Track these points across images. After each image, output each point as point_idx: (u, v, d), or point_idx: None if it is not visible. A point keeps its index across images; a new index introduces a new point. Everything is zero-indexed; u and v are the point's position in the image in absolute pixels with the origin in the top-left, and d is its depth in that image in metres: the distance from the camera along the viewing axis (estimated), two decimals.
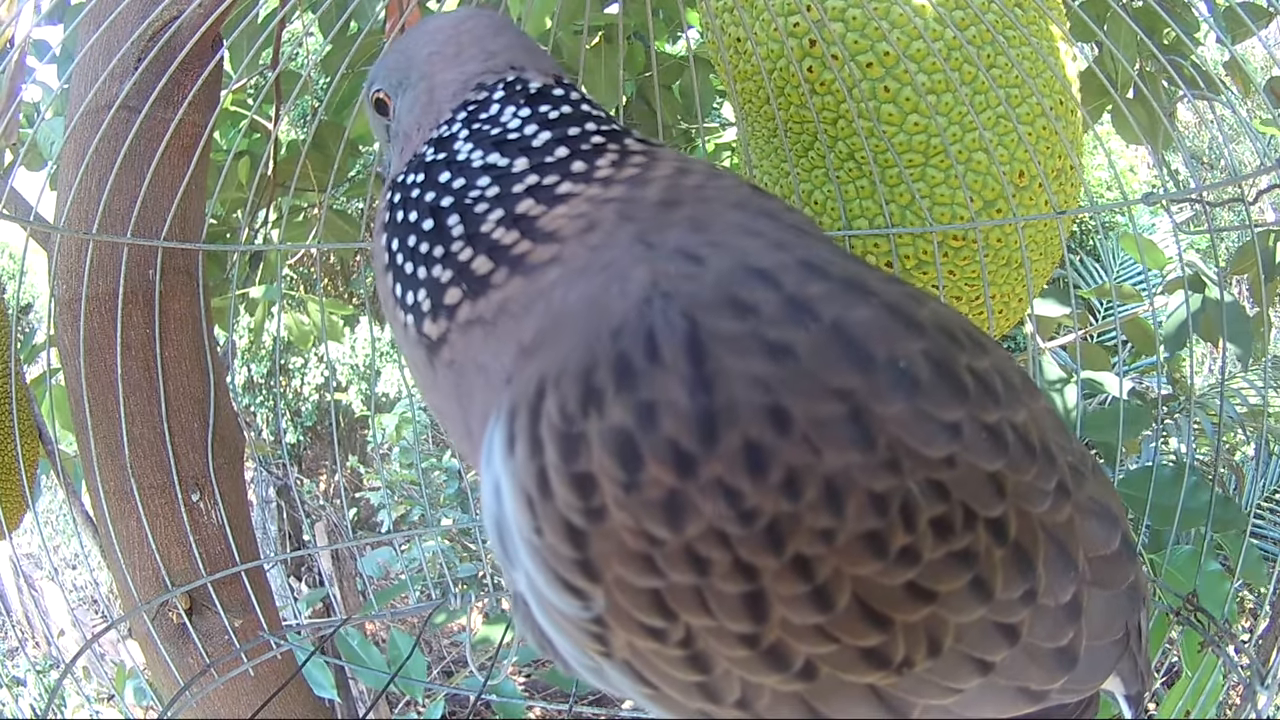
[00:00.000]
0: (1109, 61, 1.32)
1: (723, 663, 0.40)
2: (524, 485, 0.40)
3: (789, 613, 0.39)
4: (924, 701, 0.43)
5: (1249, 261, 1.24)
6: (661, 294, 0.40)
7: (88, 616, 3.63)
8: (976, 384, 0.42)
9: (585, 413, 0.38)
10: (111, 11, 0.92)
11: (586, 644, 0.42)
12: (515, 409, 0.41)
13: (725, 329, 0.38)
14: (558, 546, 0.39)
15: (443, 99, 0.55)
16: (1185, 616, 0.87)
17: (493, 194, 0.48)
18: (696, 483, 0.37)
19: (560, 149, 0.49)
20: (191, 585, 1.00)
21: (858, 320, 0.39)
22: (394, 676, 1.04)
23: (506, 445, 0.41)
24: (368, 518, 4.49)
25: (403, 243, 0.50)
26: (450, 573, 2.23)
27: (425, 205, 0.49)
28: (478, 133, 0.51)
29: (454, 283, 0.47)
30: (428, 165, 0.51)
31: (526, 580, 0.42)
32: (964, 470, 0.40)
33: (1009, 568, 0.42)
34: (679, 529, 0.37)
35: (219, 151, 1.53)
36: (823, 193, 0.95)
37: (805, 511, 0.37)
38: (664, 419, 0.37)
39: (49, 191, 1.14)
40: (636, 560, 0.38)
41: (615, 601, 0.39)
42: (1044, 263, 0.98)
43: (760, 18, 0.91)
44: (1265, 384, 1.41)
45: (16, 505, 0.99)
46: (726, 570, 0.38)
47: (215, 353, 1.07)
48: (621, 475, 0.37)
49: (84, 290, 0.95)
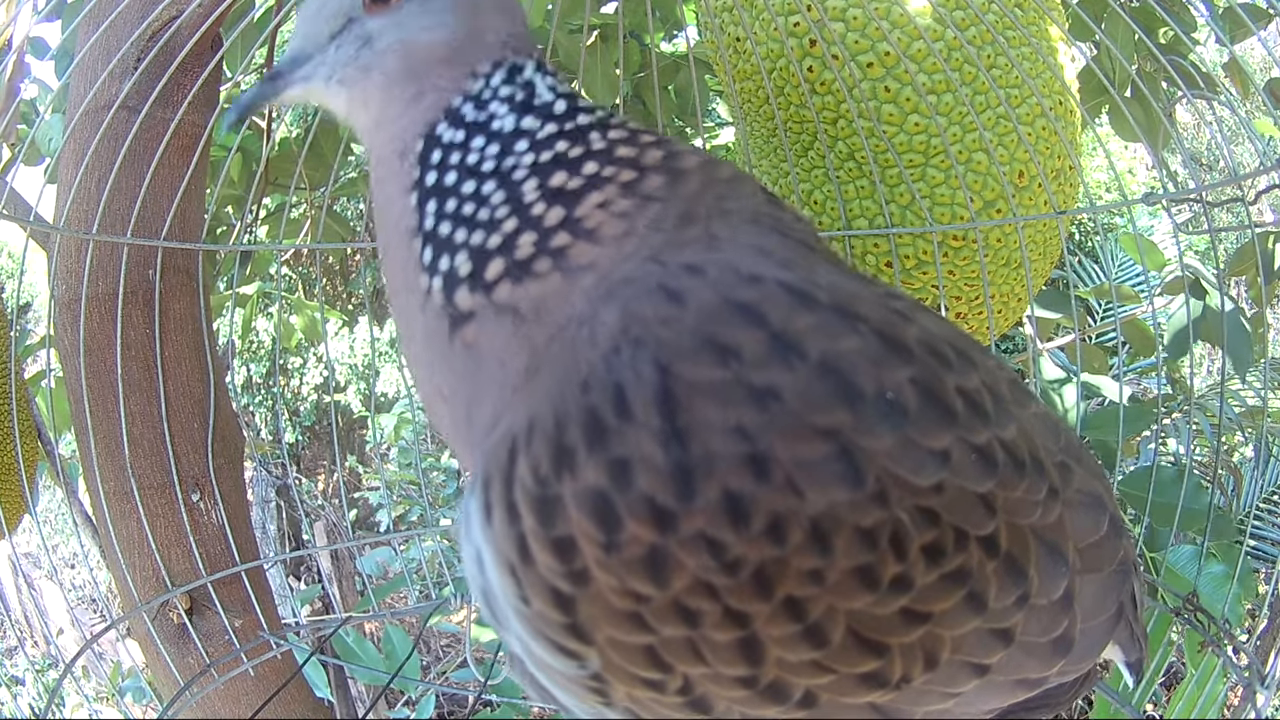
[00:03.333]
0: (1107, 60, 1.32)
1: (723, 703, 0.40)
2: (505, 554, 0.39)
3: (783, 652, 0.39)
4: (925, 708, 0.44)
5: (1248, 263, 1.24)
6: (632, 341, 0.39)
7: (87, 616, 3.63)
8: (965, 405, 0.42)
9: (559, 474, 0.37)
10: (111, 11, 0.92)
11: (586, 697, 0.42)
12: (489, 477, 0.40)
13: (702, 377, 0.37)
14: (546, 612, 0.38)
15: (488, 44, 0.50)
16: (1185, 616, 0.87)
17: (529, 161, 0.46)
18: (677, 537, 0.36)
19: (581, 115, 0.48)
20: (191, 585, 1.00)
21: (845, 352, 0.39)
22: (394, 676, 1.04)
23: (483, 514, 0.40)
24: (366, 517, 4.48)
25: (442, 204, 0.47)
26: (449, 572, 2.23)
27: (487, 175, 0.46)
28: (523, 103, 0.48)
29: (500, 253, 0.44)
30: (471, 126, 0.48)
31: (519, 643, 0.41)
32: (953, 494, 0.41)
33: (1002, 578, 0.43)
34: (664, 585, 0.37)
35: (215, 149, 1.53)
36: (823, 193, 0.95)
37: (792, 555, 0.37)
38: (639, 476, 0.36)
39: (49, 191, 1.14)
40: (625, 619, 0.38)
41: (609, 659, 0.39)
42: (1043, 263, 0.98)
43: (760, 17, 0.91)
44: (1265, 384, 1.41)
45: (16, 505, 0.99)
46: (717, 620, 0.38)
47: (215, 353, 1.07)
48: (601, 536, 0.37)
49: (84, 290, 0.95)
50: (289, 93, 0.53)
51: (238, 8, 1.00)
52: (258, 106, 0.54)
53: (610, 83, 1.40)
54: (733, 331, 0.38)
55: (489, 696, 1.09)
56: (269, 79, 0.54)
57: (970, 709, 0.46)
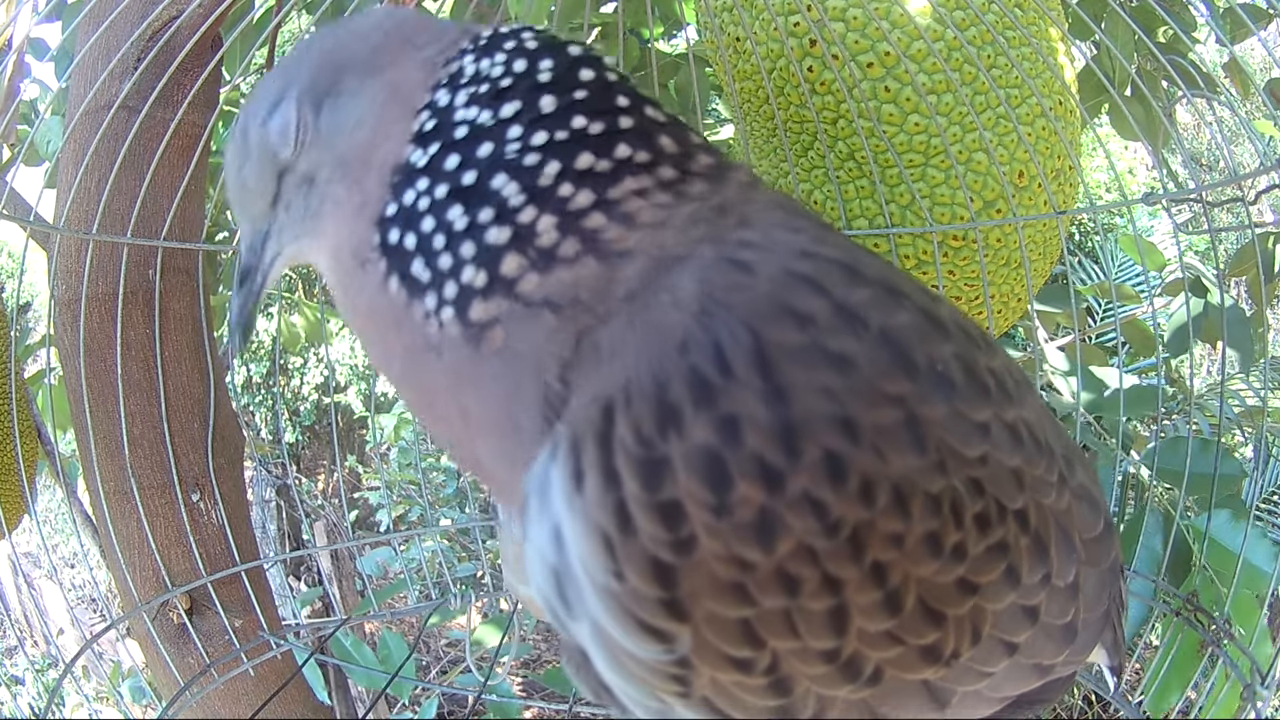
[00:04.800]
0: (1107, 60, 1.32)
1: (803, 683, 0.40)
2: (599, 524, 0.36)
3: (865, 622, 0.39)
4: (963, 689, 0.45)
5: (1248, 263, 1.24)
6: (718, 304, 0.38)
7: (87, 616, 3.63)
8: (995, 384, 0.43)
9: (664, 434, 0.36)
10: (111, 11, 0.92)
11: (662, 686, 0.39)
12: (579, 440, 0.37)
13: (787, 340, 0.37)
14: (641, 588, 0.36)
15: (411, 88, 0.46)
16: (1186, 616, 0.87)
17: (539, 141, 0.42)
18: (785, 498, 0.36)
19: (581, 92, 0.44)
20: (191, 585, 1.00)
21: (900, 326, 0.40)
22: (394, 677, 1.04)
23: (572, 481, 0.37)
24: (366, 517, 4.48)
25: (424, 241, 0.43)
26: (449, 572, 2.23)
27: (443, 200, 0.43)
28: (481, 95, 0.44)
29: (513, 247, 0.41)
30: (424, 170, 0.44)
31: (593, 630, 0.39)
32: (994, 467, 0.42)
33: (1031, 554, 0.44)
34: (771, 550, 0.36)
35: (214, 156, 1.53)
36: (823, 193, 0.95)
37: (879, 518, 0.37)
38: (748, 434, 0.35)
39: (49, 191, 1.14)
40: (727, 590, 0.36)
41: (702, 638, 0.37)
42: (1043, 263, 0.99)
43: (760, 17, 0.91)
44: (1265, 385, 1.41)
45: (16, 505, 0.99)
46: (815, 587, 0.37)
47: (215, 353, 1.07)
48: (711, 498, 0.35)
49: (84, 290, 0.95)
50: (271, 279, 0.50)
51: (238, 8, 1.00)
52: (251, 312, 0.51)
53: None
54: (803, 299, 0.38)
55: (489, 697, 1.09)
56: (243, 281, 0.51)
57: (994, 694, 0.47)
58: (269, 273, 0.50)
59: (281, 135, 0.47)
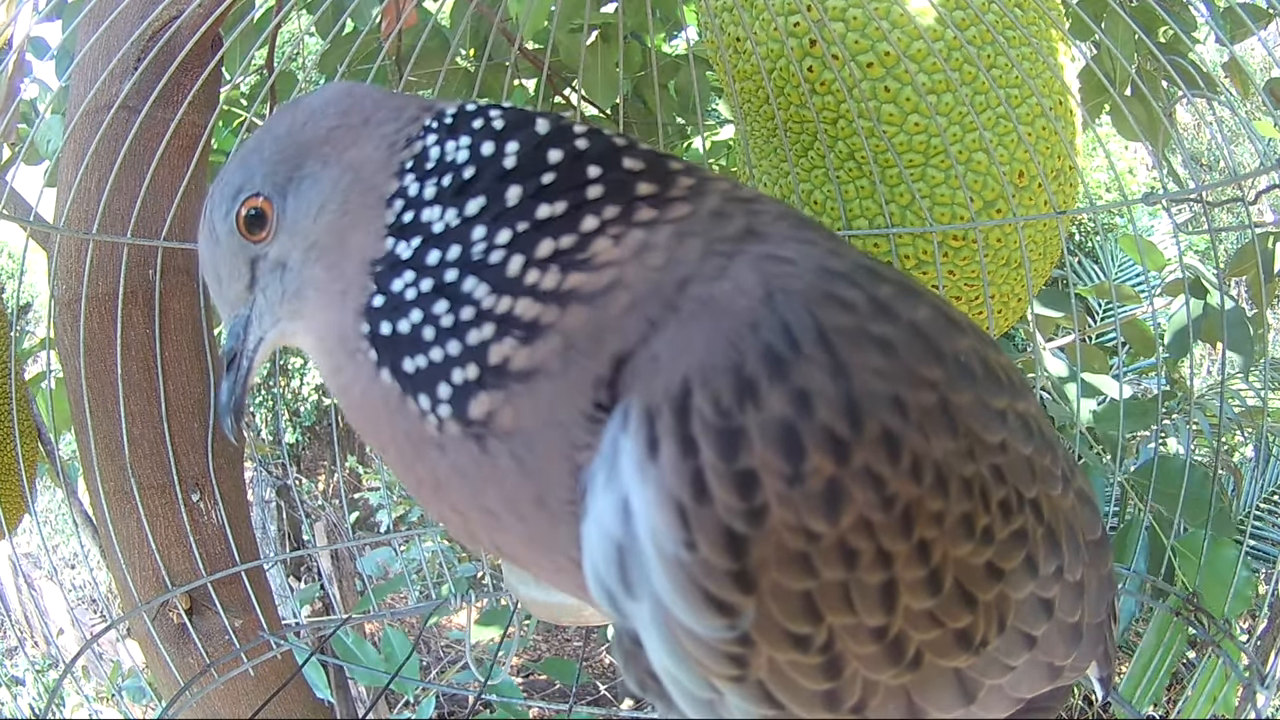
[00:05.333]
0: (1107, 60, 1.32)
1: (853, 664, 0.41)
2: (674, 493, 0.37)
3: (911, 599, 0.40)
4: (989, 682, 0.46)
5: (1248, 263, 1.23)
6: (780, 290, 0.40)
7: (87, 616, 3.63)
8: (1006, 377, 0.45)
9: (742, 405, 0.37)
10: (111, 11, 0.92)
11: (717, 670, 0.40)
12: (654, 410, 0.38)
13: (841, 323, 0.39)
14: (712, 559, 0.37)
15: (373, 171, 0.46)
16: (1186, 616, 0.87)
17: (504, 240, 0.42)
18: (850, 470, 0.37)
19: (548, 175, 0.43)
20: (191, 585, 1.00)
21: (924, 319, 0.42)
22: (394, 677, 1.04)
23: (647, 449, 0.38)
24: (367, 518, 4.48)
25: (416, 343, 0.43)
26: (449, 573, 2.23)
27: (428, 295, 0.43)
28: (440, 187, 0.44)
29: (501, 335, 0.41)
30: (408, 262, 0.44)
31: (654, 608, 0.39)
32: (1012, 455, 0.43)
33: (1046, 545, 0.46)
34: (836, 520, 0.37)
35: (214, 154, 1.53)
36: (823, 192, 0.95)
37: (926, 495, 0.39)
38: (819, 406, 0.37)
39: (49, 191, 1.14)
40: (794, 561, 0.37)
41: (765, 612, 0.38)
42: (1043, 263, 0.99)
43: (760, 17, 0.91)
44: (1265, 385, 1.41)
45: (16, 506, 0.99)
46: (870, 561, 0.38)
47: (215, 353, 1.07)
48: (786, 468, 0.37)
49: (84, 290, 0.95)
50: (257, 362, 0.50)
51: (238, 8, 1.00)
52: (241, 396, 0.51)
53: (611, 82, 1.40)
54: (843, 290, 0.40)
55: (489, 697, 1.09)
56: (231, 371, 0.51)
57: (1014, 691, 0.48)
58: (254, 358, 0.50)
59: (249, 225, 0.47)
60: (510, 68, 1.23)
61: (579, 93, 1.28)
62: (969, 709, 0.45)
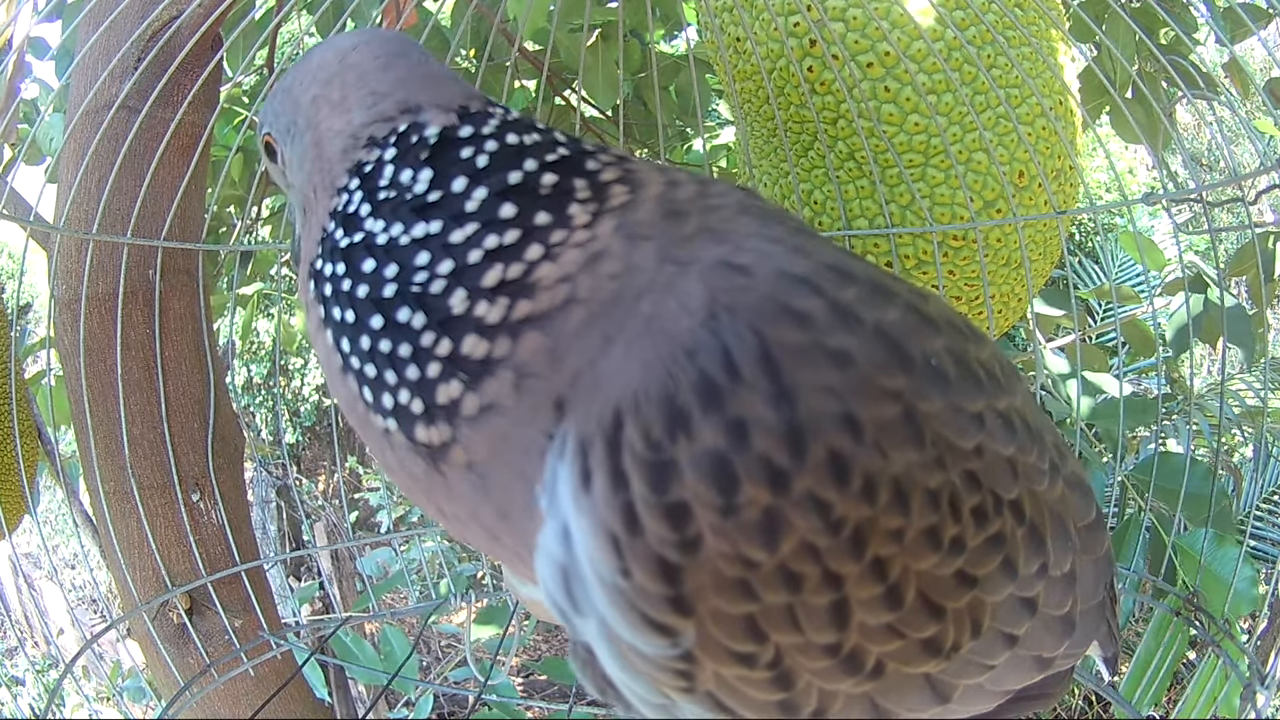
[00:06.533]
0: (1108, 61, 1.32)
1: (805, 676, 0.40)
2: (606, 524, 0.37)
3: (866, 616, 0.39)
4: (964, 682, 0.45)
5: (1248, 263, 1.24)
6: (725, 308, 0.38)
7: (87, 616, 3.63)
8: (986, 375, 0.43)
9: (673, 438, 0.36)
10: (111, 11, 0.92)
11: (667, 682, 0.40)
12: (587, 442, 0.38)
13: (791, 340, 0.37)
14: (648, 586, 0.37)
15: (332, 156, 0.47)
16: (1186, 616, 0.87)
17: (446, 269, 0.41)
18: (790, 498, 0.36)
19: (505, 207, 0.42)
20: (191, 585, 1.00)
21: (892, 322, 0.40)
22: (394, 677, 1.04)
23: (580, 482, 0.38)
24: (367, 518, 4.49)
25: (354, 344, 0.43)
26: (449, 572, 2.23)
27: (364, 301, 0.43)
28: (387, 203, 0.43)
29: (446, 376, 0.41)
30: (345, 252, 0.44)
31: (599, 627, 0.39)
32: (990, 458, 0.42)
33: (1028, 545, 0.44)
34: (775, 548, 0.36)
35: (216, 149, 1.53)
36: (823, 193, 0.96)
37: (881, 514, 0.38)
38: (755, 436, 0.36)
39: (49, 191, 1.14)
40: (732, 587, 0.37)
41: (706, 634, 0.38)
42: (1043, 263, 0.99)
43: (760, 17, 0.91)
44: (1265, 385, 1.41)
45: (16, 506, 0.99)
46: (816, 583, 0.38)
47: (215, 353, 1.07)
48: (718, 500, 0.36)
49: (84, 290, 0.95)
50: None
51: (238, 8, 1.00)
52: (297, 247, 0.54)
53: (611, 82, 1.40)
54: (800, 299, 0.39)
55: (488, 697, 1.09)
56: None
57: (995, 687, 0.47)
58: None
59: (268, 152, 0.52)
60: (510, 68, 1.23)
61: (579, 94, 1.28)
62: (946, 707, 0.45)
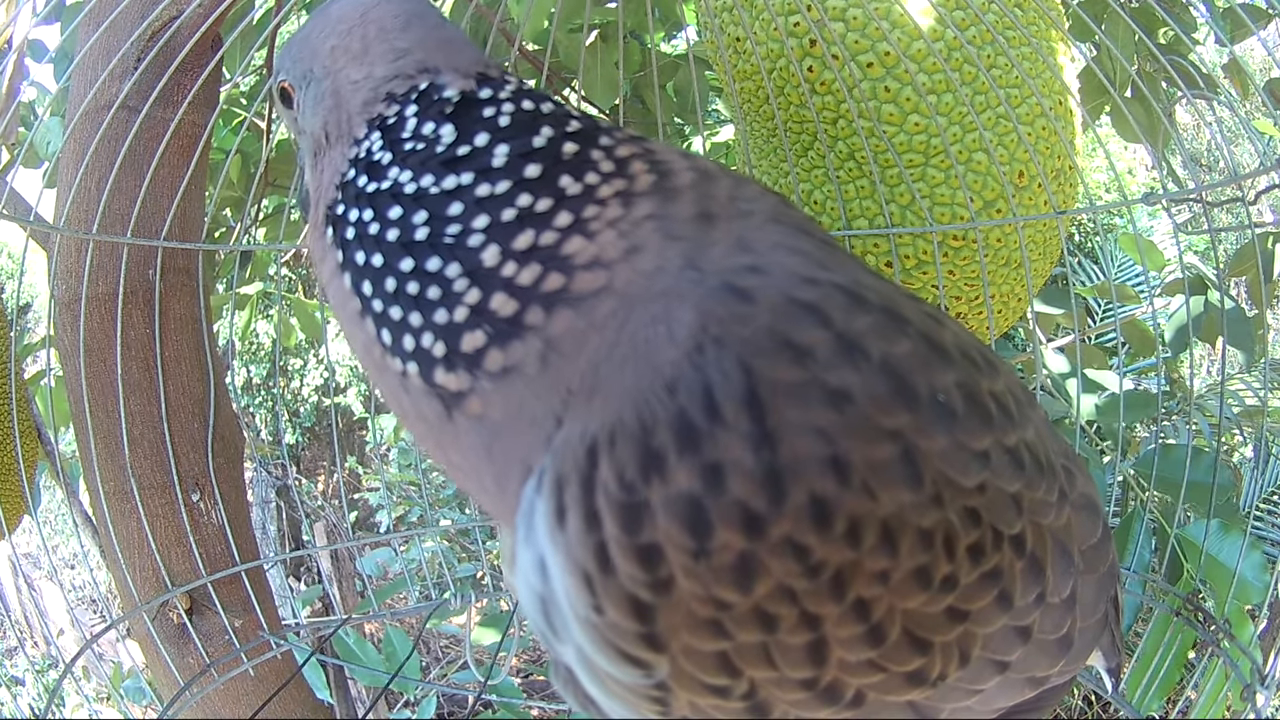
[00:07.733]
0: (1108, 61, 1.32)
1: (781, 707, 0.40)
2: (580, 562, 0.37)
3: (846, 653, 0.39)
4: (951, 705, 0.45)
5: (1248, 263, 1.24)
6: (713, 340, 0.37)
7: (87, 616, 3.63)
8: (997, 408, 0.42)
9: (647, 479, 0.36)
10: (111, 11, 0.92)
11: (643, 707, 0.40)
12: (563, 478, 0.38)
13: (783, 378, 0.37)
14: (620, 622, 0.37)
15: (351, 106, 0.47)
16: (1186, 616, 0.87)
17: (481, 224, 0.42)
18: (766, 543, 0.36)
19: (530, 167, 0.42)
20: (191, 585, 1.00)
21: (901, 354, 0.39)
22: (394, 677, 1.04)
23: (554, 518, 0.38)
24: (366, 518, 4.48)
25: (378, 286, 0.43)
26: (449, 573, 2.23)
27: (393, 245, 0.43)
28: (414, 154, 0.44)
29: (472, 325, 0.41)
30: (371, 197, 0.44)
31: (577, 654, 0.40)
32: (992, 495, 0.41)
33: (1026, 577, 0.44)
34: (749, 591, 0.36)
35: (215, 151, 1.53)
36: (822, 193, 0.95)
37: (865, 557, 0.37)
38: (731, 481, 0.35)
39: (49, 191, 1.14)
40: (704, 626, 0.37)
41: (679, 668, 0.38)
42: (1043, 263, 0.99)
43: (760, 17, 0.91)
44: (1265, 385, 1.41)
45: (16, 506, 0.99)
46: (792, 624, 0.37)
47: (215, 353, 1.07)
48: (690, 543, 0.35)
49: (84, 290, 0.95)
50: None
51: (238, 8, 1.00)
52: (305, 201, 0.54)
53: (610, 82, 1.40)
54: (804, 331, 0.38)
55: (489, 697, 1.09)
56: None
57: (985, 708, 0.47)
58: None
59: (283, 98, 0.52)
60: (510, 68, 1.23)
61: (579, 93, 1.28)
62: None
